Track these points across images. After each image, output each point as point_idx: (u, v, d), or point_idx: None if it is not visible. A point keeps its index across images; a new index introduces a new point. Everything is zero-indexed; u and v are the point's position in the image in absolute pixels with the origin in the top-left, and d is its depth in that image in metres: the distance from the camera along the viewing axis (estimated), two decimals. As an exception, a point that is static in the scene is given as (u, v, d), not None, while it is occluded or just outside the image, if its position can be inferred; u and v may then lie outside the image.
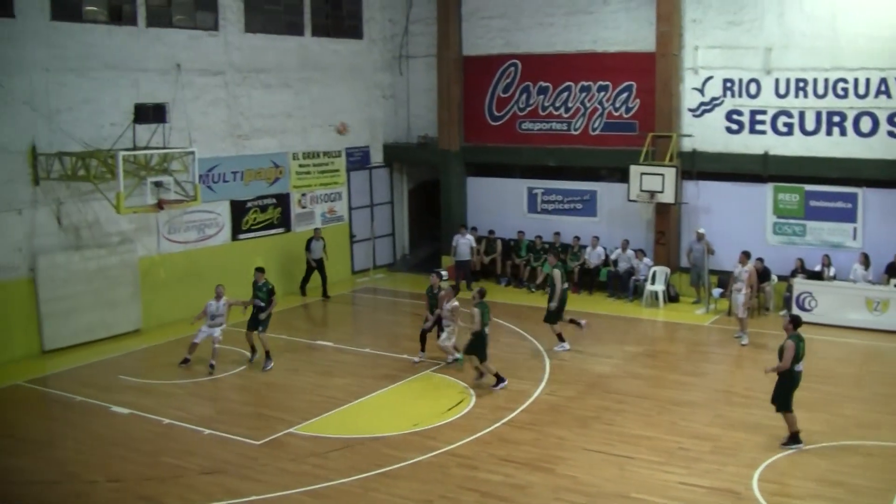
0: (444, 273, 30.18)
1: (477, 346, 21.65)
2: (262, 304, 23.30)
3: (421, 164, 36.26)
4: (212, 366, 22.83)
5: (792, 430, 18.07)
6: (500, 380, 21.56)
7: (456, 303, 23.16)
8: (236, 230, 29.86)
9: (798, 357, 17.97)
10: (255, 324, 23.34)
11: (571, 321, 25.09)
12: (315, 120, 32.47)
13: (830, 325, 26.57)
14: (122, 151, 23.75)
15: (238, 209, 29.91)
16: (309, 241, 31.14)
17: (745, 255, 26.02)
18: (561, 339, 24.78)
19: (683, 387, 21.70)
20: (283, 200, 31.45)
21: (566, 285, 25.04)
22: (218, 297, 23.37)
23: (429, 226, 37.03)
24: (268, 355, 23.29)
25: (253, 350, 23.60)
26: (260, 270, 23.89)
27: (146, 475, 16.98)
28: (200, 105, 28.46)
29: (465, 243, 32.03)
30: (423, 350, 23.81)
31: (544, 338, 25.45)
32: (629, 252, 30.83)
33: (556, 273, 24.72)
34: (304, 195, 32.23)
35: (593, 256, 31.57)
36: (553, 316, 24.73)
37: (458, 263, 31.92)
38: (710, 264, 29.27)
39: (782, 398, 18.08)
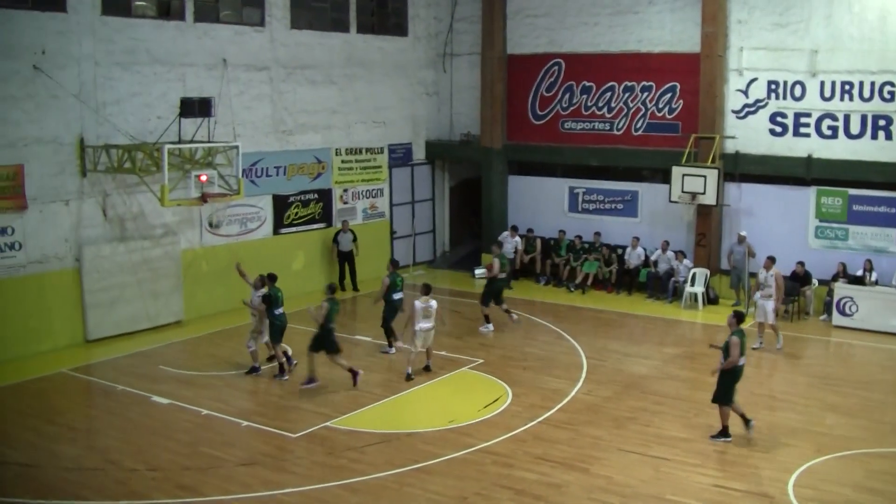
0: (482, 272, 30.58)
1: (321, 340, 21.59)
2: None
3: (463, 161, 36.36)
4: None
5: (724, 423, 18.50)
6: (313, 380, 21.59)
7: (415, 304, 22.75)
8: (278, 224, 30.09)
9: (741, 352, 18.27)
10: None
11: (507, 311, 26.35)
12: (359, 116, 32.64)
13: (871, 330, 26.43)
14: (168, 145, 24.04)
15: (280, 203, 30.15)
16: (336, 234, 31.46)
17: (771, 261, 25.58)
18: (487, 320, 26.54)
19: (721, 390, 21.66)
20: (324, 196, 31.65)
21: (503, 274, 26.99)
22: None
23: (469, 224, 37.15)
24: (281, 367, 22.62)
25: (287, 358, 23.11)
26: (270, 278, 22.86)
27: (185, 465, 17.20)
28: (245, 100, 28.69)
29: (511, 243, 32.10)
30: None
31: (582, 337, 25.53)
32: (669, 253, 30.75)
33: (496, 262, 26.56)
34: (345, 191, 32.43)
35: (633, 257, 31.54)
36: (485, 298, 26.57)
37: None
38: (751, 267, 29.16)
39: (724, 393, 18.45)
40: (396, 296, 24.63)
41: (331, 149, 31.75)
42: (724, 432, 18.48)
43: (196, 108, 25.04)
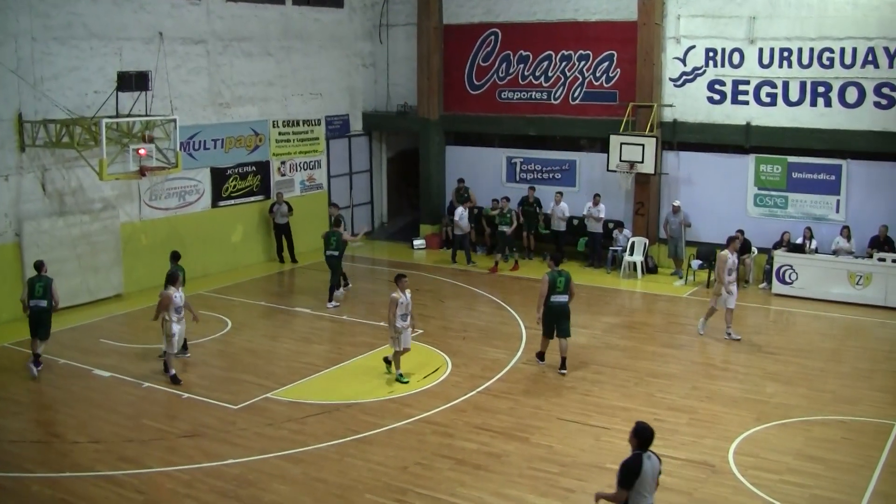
0: (420, 242, 30.68)
1: None
2: None
3: (400, 132, 36.37)
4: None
5: (542, 349, 21.27)
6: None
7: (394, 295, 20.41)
8: (216, 197, 29.90)
9: (554, 289, 20.47)
10: None
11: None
12: (296, 88, 32.51)
13: (811, 298, 26.69)
14: (106, 119, 23.77)
15: (218, 176, 29.96)
16: (272, 206, 31.32)
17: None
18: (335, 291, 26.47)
19: (661, 358, 21.80)
20: (262, 168, 31.50)
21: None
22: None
23: (407, 195, 37.17)
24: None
25: None
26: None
27: (128, 437, 17.13)
28: (182, 73, 28.46)
29: (466, 216, 31.75)
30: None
31: (522, 307, 25.63)
32: (601, 206, 30.68)
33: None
34: (283, 163, 32.30)
35: (557, 212, 31.30)
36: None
37: (456, 237, 31.92)
38: (688, 236, 29.43)
39: (544, 325, 20.82)
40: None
41: (268, 121, 31.57)
42: (540, 356, 21.27)
43: (133, 81, 24.81)
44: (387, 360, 20.76)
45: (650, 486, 11.23)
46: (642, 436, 11.31)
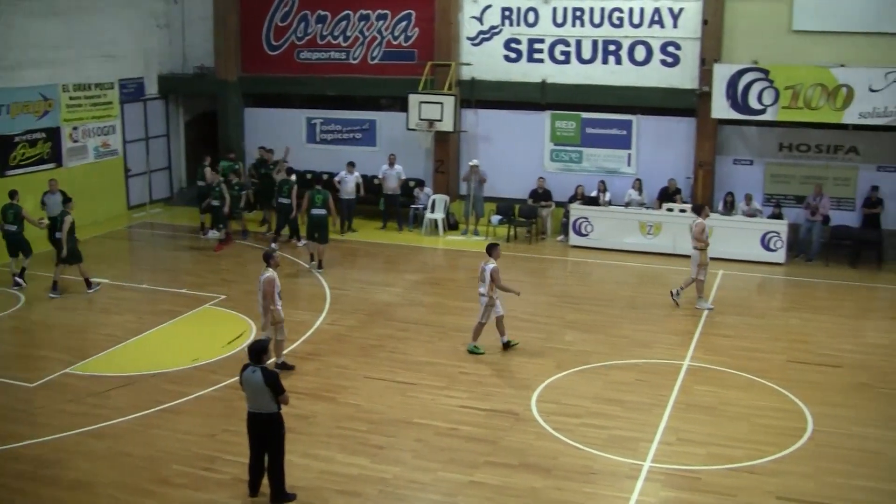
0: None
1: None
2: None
3: (197, 95, 35.48)
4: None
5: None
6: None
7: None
8: (4, 166, 28.58)
9: (313, 203, 24.41)
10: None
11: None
12: (87, 50, 31.19)
13: (607, 248, 27.52)
14: None
15: (5, 144, 28.60)
16: (43, 196, 27.17)
17: (700, 208, 23.87)
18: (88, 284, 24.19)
19: (465, 313, 21.88)
20: (53, 135, 30.24)
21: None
22: None
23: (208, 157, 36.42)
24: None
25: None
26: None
27: None
28: (-38, 35, 27.16)
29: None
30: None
31: (326, 268, 25.50)
32: (397, 167, 30.70)
33: (67, 219, 23.58)
34: (75, 129, 31.10)
35: (349, 181, 30.29)
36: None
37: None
38: (486, 192, 29.77)
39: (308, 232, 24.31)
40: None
41: (58, 85, 30.31)
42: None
43: None
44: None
45: (248, 394, 13.44)
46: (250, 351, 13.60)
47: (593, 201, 28.70)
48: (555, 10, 29.65)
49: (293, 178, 28.22)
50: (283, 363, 18.23)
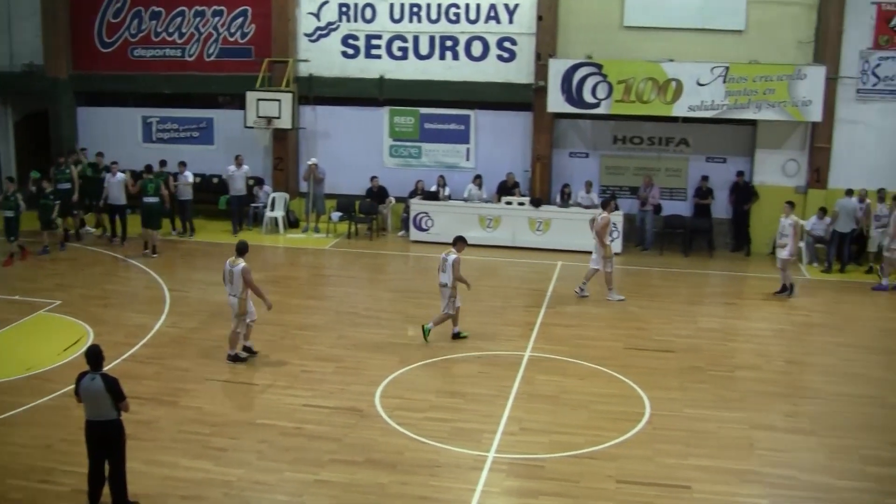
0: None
1: None
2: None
3: (27, 94, 34.39)
4: None
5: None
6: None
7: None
8: None
9: (145, 192, 25.38)
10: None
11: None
12: None
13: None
14: None
15: None
16: None
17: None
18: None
19: (307, 311, 21.93)
20: None
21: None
22: None
23: (38, 160, 35.35)
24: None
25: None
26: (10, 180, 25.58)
27: None
28: None
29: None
30: None
31: (164, 269, 25.23)
32: (245, 167, 30.18)
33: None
34: None
35: (183, 179, 29.49)
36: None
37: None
38: (327, 188, 29.74)
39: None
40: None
41: None
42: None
43: None
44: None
45: (86, 402, 13.05)
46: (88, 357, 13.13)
47: (433, 196, 28.89)
48: (392, 6, 29.79)
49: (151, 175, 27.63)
50: (248, 347, 18.88)
